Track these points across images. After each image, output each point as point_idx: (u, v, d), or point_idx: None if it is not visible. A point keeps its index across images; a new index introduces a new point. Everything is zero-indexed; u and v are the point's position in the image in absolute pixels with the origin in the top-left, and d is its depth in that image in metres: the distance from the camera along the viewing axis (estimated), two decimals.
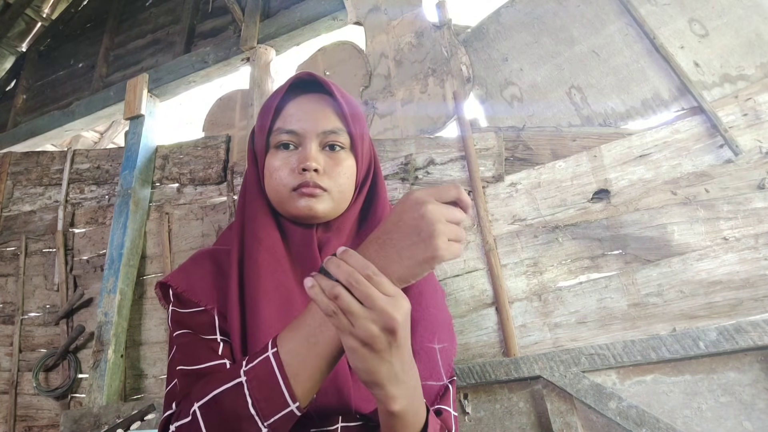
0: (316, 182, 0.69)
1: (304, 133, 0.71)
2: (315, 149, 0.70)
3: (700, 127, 1.44)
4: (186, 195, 2.28)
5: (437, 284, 0.80)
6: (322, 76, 0.75)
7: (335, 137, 0.71)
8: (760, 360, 1.18)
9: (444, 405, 0.69)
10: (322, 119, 0.71)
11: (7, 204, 2.69)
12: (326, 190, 0.70)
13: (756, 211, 1.33)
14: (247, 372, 0.50)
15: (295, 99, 0.73)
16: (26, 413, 2.23)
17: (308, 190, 0.68)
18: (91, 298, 2.28)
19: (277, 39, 2.35)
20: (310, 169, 0.68)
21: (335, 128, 0.72)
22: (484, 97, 1.79)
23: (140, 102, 2.46)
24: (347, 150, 0.73)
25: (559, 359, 1.32)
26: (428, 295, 0.73)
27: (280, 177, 0.70)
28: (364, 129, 0.77)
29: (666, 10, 1.59)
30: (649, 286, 1.37)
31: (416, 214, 0.48)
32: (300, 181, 0.69)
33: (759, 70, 1.43)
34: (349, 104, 0.74)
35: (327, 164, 0.71)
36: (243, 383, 0.50)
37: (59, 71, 3.21)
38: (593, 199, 1.52)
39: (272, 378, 0.49)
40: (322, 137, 0.71)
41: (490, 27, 1.86)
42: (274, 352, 0.51)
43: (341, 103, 0.73)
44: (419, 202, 0.48)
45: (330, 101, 0.73)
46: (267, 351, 0.51)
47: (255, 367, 0.50)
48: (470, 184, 1.66)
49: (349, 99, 0.76)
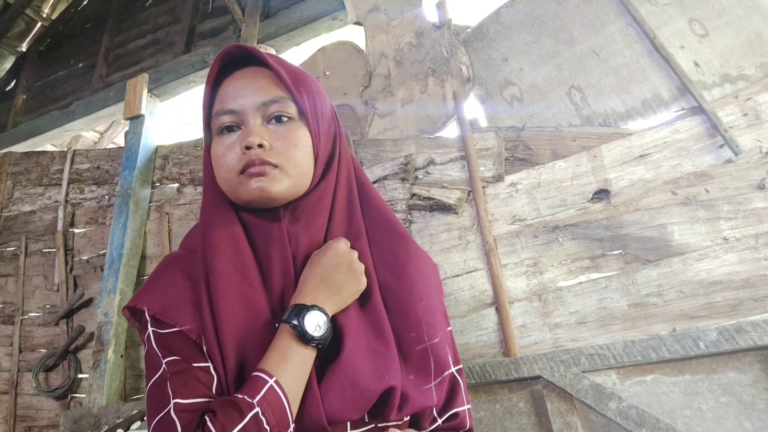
0: (263, 158, 0.61)
1: (243, 110, 0.63)
2: (257, 124, 0.63)
3: (700, 127, 1.44)
4: (186, 195, 2.28)
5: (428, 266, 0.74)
6: (252, 46, 0.67)
7: (279, 107, 0.64)
8: (760, 360, 1.18)
9: (457, 407, 0.68)
10: (259, 90, 0.64)
11: (7, 204, 2.69)
12: (277, 166, 0.62)
13: (756, 211, 1.33)
14: (259, 402, 0.53)
15: (229, 78, 0.67)
16: (26, 413, 2.23)
17: (256, 169, 0.61)
18: (91, 298, 2.28)
19: (277, 39, 2.35)
20: (254, 146, 0.61)
21: (276, 97, 0.64)
22: (484, 97, 1.79)
23: (140, 102, 2.46)
24: (296, 120, 0.65)
25: (559, 359, 1.32)
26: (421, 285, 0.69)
27: (226, 162, 0.63)
28: (317, 100, 0.69)
29: (666, 10, 1.59)
30: (649, 286, 1.37)
31: (349, 259, 0.65)
32: (245, 161, 0.61)
33: (759, 70, 1.43)
34: (290, 72, 0.67)
35: (274, 138, 0.63)
36: (259, 413, 0.53)
37: (59, 71, 3.21)
38: (593, 199, 1.52)
39: (280, 404, 0.54)
40: (264, 110, 0.64)
41: (490, 27, 1.86)
42: (275, 381, 0.55)
43: (278, 70, 0.65)
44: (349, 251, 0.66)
45: (267, 72, 0.66)
46: (266, 380, 0.55)
47: (265, 396, 0.54)
48: (470, 184, 1.66)
49: (290, 67, 0.69)
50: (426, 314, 0.67)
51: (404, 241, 0.71)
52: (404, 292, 0.67)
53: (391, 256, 0.70)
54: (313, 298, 0.61)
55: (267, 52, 0.71)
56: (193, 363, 0.58)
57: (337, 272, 0.63)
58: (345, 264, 0.64)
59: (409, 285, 0.67)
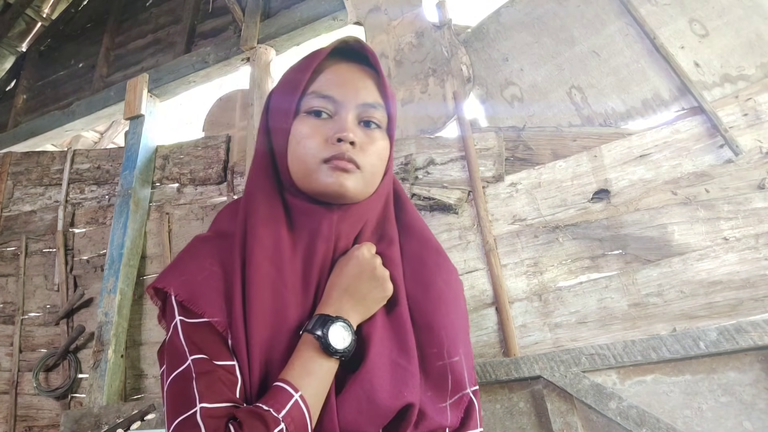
0: (351, 156, 0.61)
1: (343, 101, 0.63)
2: (352, 121, 0.63)
3: (701, 127, 1.44)
4: (186, 195, 2.28)
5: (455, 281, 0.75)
6: (371, 48, 0.68)
7: (374, 112, 0.65)
8: (760, 360, 1.18)
9: (471, 429, 0.67)
10: (363, 90, 0.65)
11: (7, 204, 2.69)
12: (360, 168, 0.62)
13: (756, 211, 1.33)
14: (284, 418, 0.53)
15: (335, 64, 0.66)
16: (26, 413, 2.24)
17: (342, 164, 0.60)
18: (91, 298, 2.28)
19: (278, 39, 2.35)
20: (347, 141, 0.61)
21: (375, 102, 0.65)
22: (484, 97, 1.79)
23: (140, 102, 2.46)
24: (382, 130, 0.67)
25: (559, 359, 1.32)
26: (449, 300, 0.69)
27: (309, 146, 0.62)
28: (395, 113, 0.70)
29: (666, 10, 1.59)
30: (650, 286, 1.37)
31: (372, 266, 0.64)
32: (334, 152, 0.61)
33: (759, 70, 1.43)
34: (386, 81, 0.69)
35: (362, 140, 0.63)
36: (284, 429, 0.52)
37: (59, 71, 3.21)
38: (593, 199, 1.52)
39: (303, 419, 0.54)
40: (361, 110, 0.64)
41: (490, 27, 1.86)
42: (300, 396, 0.54)
43: (384, 77, 0.66)
44: (371, 257, 0.65)
45: (372, 74, 0.67)
46: (292, 394, 0.54)
47: (290, 411, 0.53)
48: (470, 184, 1.66)
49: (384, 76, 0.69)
50: (450, 331, 0.66)
51: (436, 254, 0.72)
52: (431, 306, 0.66)
53: (421, 266, 0.69)
54: (338, 308, 0.60)
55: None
56: (218, 360, 0.56)
57: (360, 281, 0.62)
58: (368, 271, 0.63)
59: (437, 299, 0.67)
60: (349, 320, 0.60)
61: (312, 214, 0.64)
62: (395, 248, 0.69)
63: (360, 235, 0.68)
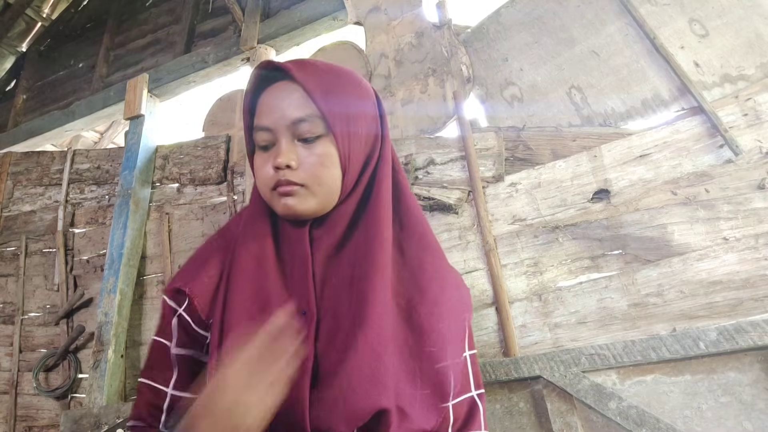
0: (289, 179, 0.65)
1: (275, 128, 0.66)
2: (286, 144, 0.65)
3: (700, 127, 1.44)
4: (186, 195, 2.28)
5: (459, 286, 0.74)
6: (281, 62, 0.68)
7: (306, 127, 0.65)
8: (760, 360, 1.18)
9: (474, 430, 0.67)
10: (288, 108, 0.65)
11: (7, 204, 2.69)
12: (303, 185, 0.65)
13: (756, 211, 1.33)
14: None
15: (264, 91, 0.68)
16: (26, 413, 2.24)
17: (283, 189, 0.65)
18: (91, 298, 2.28)
19: (277, 39, 2.35)
20: (282, 167, 0.64)
21: (303, 116, 0.65)
22: (484, 97, 1.79)
23: (140, 102, 2.46)
24: (325, 136, 0.66)
25: (559, 359, 1.32)
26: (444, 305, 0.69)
27: (262, 177, 0.68)
28: (350, 109, 0.68)
29: (666, 10, 1.59)
30: (649, 286, 1.37)
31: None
32: (275, 180, 0.65)
33: (759, 70, 1.43)
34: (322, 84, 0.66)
35: (303, 156, 0.65)
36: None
37: (59, 71, 3.21)
38: (593, 199, 1.52)
39: None
40: (293, 129, 0.65)
41: (490, 27, 1.86)
42: None
43: (307, 85, 0.65)
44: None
45: (296, 88, 0.66)
46: None
47: None
48: (470, 184, 1.66)
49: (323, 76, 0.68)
50: (441, 336, 0.65)
51: (435, 258, 0.72)
52: (426, 310, 0.66)
53: (419, 271, 0.69)
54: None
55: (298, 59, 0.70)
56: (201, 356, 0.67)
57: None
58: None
59: (432, 304, 0.67)
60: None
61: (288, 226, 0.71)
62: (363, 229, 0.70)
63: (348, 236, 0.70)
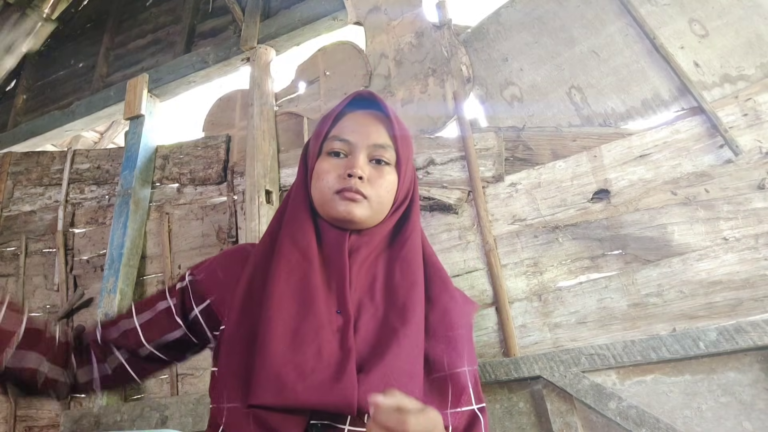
0: (358, 188, 0.73)
1: (356, 143, 0.76)
2: (363, 160, 0.75)
3: (700, 127, 1.44)
4: (186, 195, 2.28)
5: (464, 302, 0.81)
6: (381, 97, 0.82)
7: (382, 152, 0.77)
8: (760, 360, 1.18)
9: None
10: (374, 133, 0.77)
11: (7, 204, 2.69)
12: (366, 198, 0.74)
13: (756, 211, 1.33)
14: None
15: (352, 112, 0.80)
16: (26, 413, 2.24)
17: (350, 195, 0.72)
18: (91, 298, 2.28)
19: (278, 39, 2.35)
20: (356, 176, 0.73)
21: (384, 144, 0.77)
22: (484, 97, 1.79)
23: (140, 102, 2.46)
24: (392, 167, 0.78)
25: (559, 359, 1.32)
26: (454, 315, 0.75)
27: (327, 180, 0.75)
28: (410, 154, 0.82)
29: (666, 10, 1.59)
30: (649, 286, 1.37)
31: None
32: (344, 185, 0.73)
33: (759, 70, 1.43)
34: (400, 126, 0.80)
35: (371, 175, 0.75)
36: None
37: (59, 71, 3.21)
38: (593, 199, 1.52)
39: None
40: (371, 150, 0.76)
41: (490, 27, 1.86)
42: None
43: (393, 123, 0.78)
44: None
45: (383, 119, 0.79)
46: None
47: None
48: (470, 184, 1.66)
49: (400, 122, 0.81)
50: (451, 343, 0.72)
51: (442, 281, 0.79)
52: (436, 317, 0.73)
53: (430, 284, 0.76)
54: None
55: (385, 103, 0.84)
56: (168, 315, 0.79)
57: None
58: None
59: (442, 313, 0.73)
60: None
61: (332, 230, 0.77)
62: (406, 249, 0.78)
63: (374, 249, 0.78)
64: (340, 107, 0.81)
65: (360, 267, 0.74)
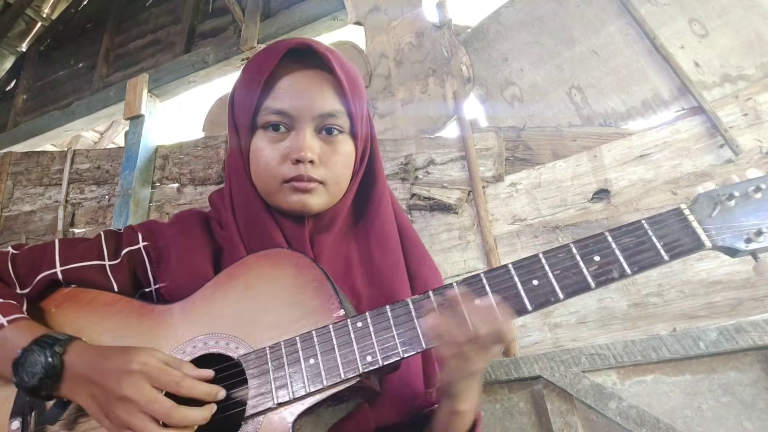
0: (311, 176, 0.61)
1: (298, 116, 0.61)
2: (310, 135, 0.61)
3: (701, 127, 1.44)
4: (186, 195, 2.28)
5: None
6: (322, 45, 0.64)
7: (333, 120, 0.63)
8: (760, 360, 1.18)
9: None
10: (319, 100, 0.62)
11: (7, 204, 2.68)
12: (322, 183, 0.62)
13: None
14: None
15: (288, 73, 0.63)
16: None
17: (302, 185, 0.61)
18: None
19: (278, 39, 2.35)
20: (305, 161, 0.60)
21: (334, 110, 0.63)
22: (484, 97, 1.79)
23: (140, 102, 2.46)
24: (346, 133, 0.65)
25: (559, 359, 1.32)
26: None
27: (269, 165, 0.62)
28: (365, 106, 0.68)
29: (666, 10, 1.59)
30: (650, 286, 1.37)
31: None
32: (293, 173, 0.61)
33: (759, 70, 1.43)
34: (350, 79, 0.65)
35: (323, 151, 0.62)
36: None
37: (59, 71, 3.20)
38: (593, 199, 1.52)
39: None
40: (319, 120, 0.62)
41: (490, 27, 1.86)
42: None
43: (342, 80, 0.63)
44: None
45: (329, 77, 0.63)
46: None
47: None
48: (470, 184, 1.66)
49: (350, 72, 0.66)
50: None
51: (420, 252, 0.73)
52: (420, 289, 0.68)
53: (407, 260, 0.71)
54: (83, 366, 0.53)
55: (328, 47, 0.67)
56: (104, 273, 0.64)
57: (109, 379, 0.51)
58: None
59: (423, 288, 0.68)
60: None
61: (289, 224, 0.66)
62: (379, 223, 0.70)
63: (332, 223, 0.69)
64: (272, 65, 0.62)
65: (329, 254, 0.65)
